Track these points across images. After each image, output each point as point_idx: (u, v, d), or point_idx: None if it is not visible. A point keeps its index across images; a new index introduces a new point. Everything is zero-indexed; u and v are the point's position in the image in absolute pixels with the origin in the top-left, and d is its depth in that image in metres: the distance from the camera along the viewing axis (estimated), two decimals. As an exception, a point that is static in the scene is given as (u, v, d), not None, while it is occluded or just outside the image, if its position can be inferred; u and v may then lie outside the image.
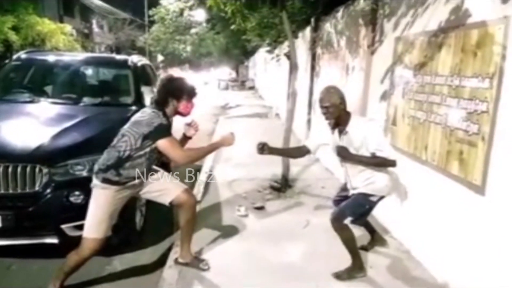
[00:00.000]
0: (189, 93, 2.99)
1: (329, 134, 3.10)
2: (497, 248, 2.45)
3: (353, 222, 3.03)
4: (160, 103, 2.94)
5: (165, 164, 2.90)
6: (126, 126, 2.88)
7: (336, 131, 3.03)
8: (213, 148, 3.12)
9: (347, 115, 2.99)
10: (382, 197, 3.04)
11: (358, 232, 3.35)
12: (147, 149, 2.83)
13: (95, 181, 2.82)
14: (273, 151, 3.27)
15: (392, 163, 2.89)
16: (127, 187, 2.88)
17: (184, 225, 3.15)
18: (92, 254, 2.84)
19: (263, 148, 3.19)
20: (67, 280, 2.89)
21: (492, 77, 2.51)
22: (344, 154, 2.95)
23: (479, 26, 2.65)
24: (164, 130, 2.82)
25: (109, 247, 3.49)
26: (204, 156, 2.92)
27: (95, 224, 2.79)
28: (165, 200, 3.05)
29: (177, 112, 2.98)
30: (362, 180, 3.00)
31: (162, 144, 2.80)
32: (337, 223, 3.01)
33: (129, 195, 2.97)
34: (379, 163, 2.89)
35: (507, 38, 2.40)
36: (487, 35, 2.57)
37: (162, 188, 3.05)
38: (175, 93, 2.93)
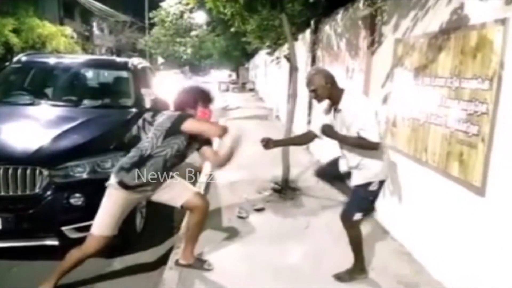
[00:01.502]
0: (204, 99, 3.06)
1: (329, 114, 3.07)
2: (498, 249, 2.45)
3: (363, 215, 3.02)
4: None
5: (166, 166, 2.88)
6: (152, 129, 2.93)
7: (332, 109, 3.00)
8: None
9: (339, 92, 2.91)
10: (381, 183, 2.96)
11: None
12: (168, 150, 2.84)
13: (112, 181, 2.84)
14: (278, 143, 3.25)
15: (374, 145, 2.76)
16: (140, 191, 2.90)
17: (192, 227, 3.15)
18: (96, 252, 2.84)
19: (268, 143, 3.17)
20: (67, 281, 2.89)
21: (491, 79, 2.51)
22: (327, 132, 2.91)
23: (479, 28, 2.66)
24: (185, 116, 2.85)
25: (109, 248, 3.51)
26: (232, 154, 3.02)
27: (104, 222, 2.81)
28: (176, 203, 3.06)
29: None
30: (357, 160, 2.92)
31: (190, 124, 2.81)
32: (346, 221, 3.00)
33: (142, 198, 3.02)
34: (360, 144, 2.80)
35: (506, 40, 2.40)
36: (487, 37, 2.57)
37: (174, 191, 3.04)
38: (191, 102, 3.01)
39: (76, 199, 3.19)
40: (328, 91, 2.91)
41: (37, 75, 5.21)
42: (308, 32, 7.77)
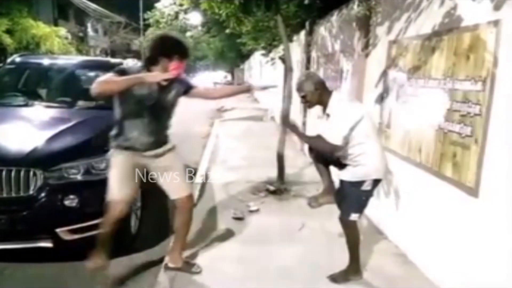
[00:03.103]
0: (182, 53, 2.85)
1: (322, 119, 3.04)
2: (491, 249, 2.47)
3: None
4: (148, 62, 2.87)
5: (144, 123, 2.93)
6: None
7: (325, 115, 2.96)
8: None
9: (328, 96, 2.89)
10: (376, 182, 2.93)
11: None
12: (117, 102, 2.89)
13: (110, 151, 2.93)
14: (294, 128, 3.14)
15: (332, 148, 2.74)
16: (134, 154, 2.91)
17: (178, 229, 3.16)
18: (113, 219, 2.94)
19: (287, 120, 3.11)
20: (61, 284, 2.88)
21: (484, 80, 2.53)
22: (285, 123, 2.88)
23: (472, 30, 2.68)
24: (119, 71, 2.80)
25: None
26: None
27: (110, 187, 2.90)
28: (171, 195, 3.09)
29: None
30: (351, 156, 2.88)
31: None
32: (344, 221, 3.01)
33: (140, 165, 2.99)
34: (315, 144, 2.78)
35: (499, 41, 2.42)
36: (480, 39, 2.60)
37: (172, 183, 3.05)
38: (167, 52, 2.79)
39: (71, 201, 3.17)
40: (317, 97, 2.90)
41: (31, 76, 5.18)
42: (302, 34, 7.79)
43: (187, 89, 3.10)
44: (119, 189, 2.92)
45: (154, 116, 2.89)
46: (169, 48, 2.82)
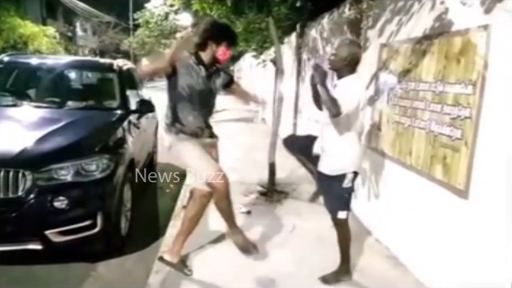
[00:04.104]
0: (231, 39, 2.96)
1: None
2: (481, 251, 2.50)
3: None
4: (197, 47, 2.92)
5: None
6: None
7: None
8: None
9: (348, 72, 2.89)
10: (355, 175, 2.94)
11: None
12: (178, 88, 2.88)
13: (169, 140, 2.95)
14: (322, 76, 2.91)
15: (334, 111, 2.66)
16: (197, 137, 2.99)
17: (190, 218, 3.15)
18: (204, 207, 3.08)
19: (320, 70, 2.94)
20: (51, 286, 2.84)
21: (475, 84, 2.56)
22: (317, 75, 2.80)
23: (462, 34, 2.72)
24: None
25: (93, 253, 3.47)
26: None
27: (202, 168, 2.91)
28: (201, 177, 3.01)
29: (213, 58, 2.95)
30: (331, 141, 2.92)
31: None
32: (334, 219, 3.04)
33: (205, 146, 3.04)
34: (328, 102, 2.70)
35: (489, 45, 2.46)
36: (470, 43, 2.63)
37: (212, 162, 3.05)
38: (216, 37, 2.89)
39: (60, 202, 3.11)
40: (341, 65, 2.89)
41: (20, 76, 5.11)
42: (294, 36, 7.81)
43: (229, 82, 3.22)
44: (214, 165, 2.96)
45: (204, 102, 2.98)
46: (218, 33, 2.90)
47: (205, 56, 2.92)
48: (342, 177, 2.90)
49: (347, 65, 2.89)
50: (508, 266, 2.26)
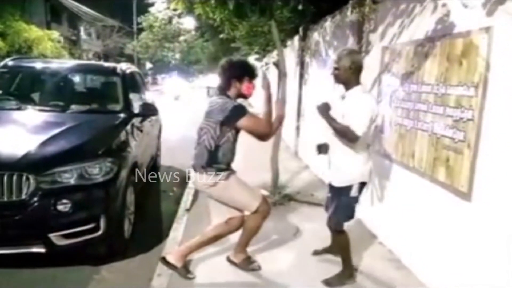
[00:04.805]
0: (251, 74, 3.09)
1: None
2: (484, 253, 2.49)
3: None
4: (223, 88, 3.05)
5: (235, 146, 3.07)
6: (202, 120, 3.02)
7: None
8: (268, 106, 3.08)
9: (355, 82, 2.92)
10: (362, 185, 2.98)
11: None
12: (229, 134, 2.95)
13: (213, 179, 2.98)
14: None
15: (354, 137, 2.76)
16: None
17: (212, 236, 3.19)
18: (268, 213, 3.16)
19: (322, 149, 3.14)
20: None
21: (477, 86, 2.56)
22: (320, 110, 2.94)
23: (464, 36, 2.71)
24: (240, 110, 2.93)
25: (97, 256, 3.48)
26: (270, 112, 3.07)
27: (249, 197, 3.07)
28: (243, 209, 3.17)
29: (239, 94, 3.07)
30: (339, 157, 2.97)
31: (245, 122, 2.91)
32: (334, 228, 3.08)
33: None
34: (343, 131, 2.80)
35: (491, 47, 2.46)
36: (472, 45, 2.63)
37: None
38: (238, 75, 3.03)
39: (64, 206, 3.13)
40: (346, 75, 2.91)
41: (24, 80, 5.15)
42: (296, 39, 7.83)
43: None
44: (258, 192, 3.22)
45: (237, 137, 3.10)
46: (238, 71, 3.05)
47: (232, 94, 3.05)
48: (350, 187, 2.95)
49: (352, 74, 2.91)
50: (510, 268, 2.25)
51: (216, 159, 2.97)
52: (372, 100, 2.99)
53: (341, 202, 3.01)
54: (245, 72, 3.07)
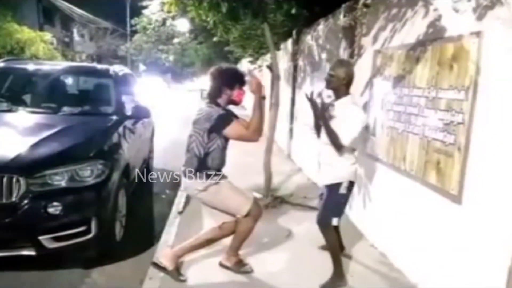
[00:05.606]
0: (241, 81, 3.12)
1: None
2: (475, 255, 2.51)
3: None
4: (213, 95, 3.08)
5: (224, 152, 3.11)
6: (191, 128, 3.06)
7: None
8: (257, 105, 3.08)
9: (345, 92, 3.10)
10: (351, 185, 3.12)
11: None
12: (218, 141, 3.00)
13: (203, 184, 3.00)
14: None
15: (339, 145, 2.97)
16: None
17: (205, 239, 3.22)
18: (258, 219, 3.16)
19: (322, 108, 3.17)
20: None
21: (467, 89, 2.58)
22: (319, 109, 3.09)
23: (455, 40, 2.74)
24: (225, 119, 2.97)
25: (88, 259, 3.46)
26: (262, 116, 3.07)
27: (239, 201, 3.07)
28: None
29: (230, 101, 3.11)
30: (329, 156, 3.09)
31: (230, 131, 2.97)
32: (323, 226, 3.14)
33: None
34: (332, 137, 2.99)
35: (481, 52, 2.48)
36: (463, 49, 2.65)
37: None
38: (228, 83, 3.06)
39: (54, 208, 3.10)
40: (338, 84, 3.09)
41: (16, 81, 5.10)
42: (289, 42, 7.85)
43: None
44: (249, 195, 3.24)
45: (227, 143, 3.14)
46: (229, 79, 3.09)
47: (222, 101, 3.08)
48: (338, 185, 3.08)
49: (344, 85, 3.09)
50: (501, 270, 2.26)
51: (205, 165, 3.00)
52: (361, 112, 3.18)
53: (330, 199, 3.13)
54: (235, 79, 3.10)
